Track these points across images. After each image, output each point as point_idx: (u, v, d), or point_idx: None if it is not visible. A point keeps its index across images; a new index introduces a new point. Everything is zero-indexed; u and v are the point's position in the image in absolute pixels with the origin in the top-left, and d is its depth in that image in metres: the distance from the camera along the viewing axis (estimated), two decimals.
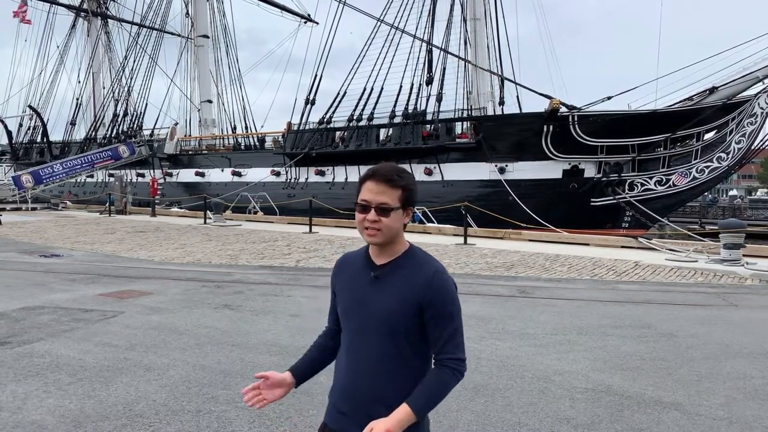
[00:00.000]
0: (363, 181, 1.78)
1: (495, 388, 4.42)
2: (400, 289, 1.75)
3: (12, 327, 6.21)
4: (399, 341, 1.75)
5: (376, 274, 1.79)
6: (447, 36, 25.68)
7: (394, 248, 1.81)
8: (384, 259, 1.81)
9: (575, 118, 20.10)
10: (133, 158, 33.73)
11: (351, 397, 1.79)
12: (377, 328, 1.75)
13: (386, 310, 1.74)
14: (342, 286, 1.88)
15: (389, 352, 1.75)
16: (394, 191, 1.74)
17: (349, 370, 1.82)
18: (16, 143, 43.43)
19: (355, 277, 1.85)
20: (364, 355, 1.77)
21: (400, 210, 1.75)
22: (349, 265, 1.91)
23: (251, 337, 5.84)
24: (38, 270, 10.42)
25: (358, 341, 1.80)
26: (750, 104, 18.93)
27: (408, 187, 1.77)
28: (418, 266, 1.78)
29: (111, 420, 3.79)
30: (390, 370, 1.75)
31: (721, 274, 10.05)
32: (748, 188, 75.70)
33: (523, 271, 10.41)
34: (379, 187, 1.74)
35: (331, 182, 26.00)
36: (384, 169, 1.77)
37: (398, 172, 1.76)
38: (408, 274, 1.76)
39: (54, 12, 44.75)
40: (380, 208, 1.73)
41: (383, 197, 1.73)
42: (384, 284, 1.77)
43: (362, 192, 1.77)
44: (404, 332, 1.74)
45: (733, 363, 5.13)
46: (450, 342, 1.73)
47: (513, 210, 19.55)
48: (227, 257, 12.20)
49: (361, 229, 1.78)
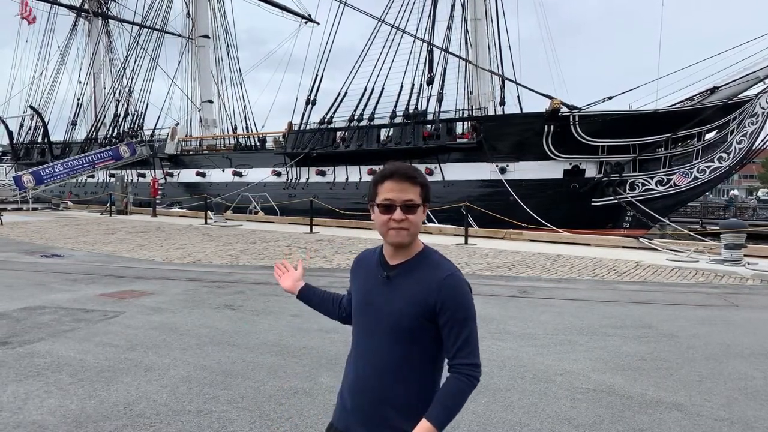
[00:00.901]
0: (381, 181, 1.76)
1: (496, 389, 4.42)
2: (412, 290, 1.73)
3: (13, 327, 6.21)
4: (408, 343, 1.72)
5: (388, 274, 1.78)
6: (448, 36, 25.65)
7: (410, 249, 1.79)
8: (398, 260, 1.79)
9: (576, 118, 20.07)
10: (134, 158, 33.72)
11: (358, 397, 1.79)
12: (386, 329, 1.74)
13: (397, 312, 1.72)
14: (357, 284, 1.89)
15: (398, 353, 1.73)
16: (415, 188, 1.75)
17: (357, 370, 1.81)
18: (17, 143, 43.44)
19: (368, 277, 1.84)
20: (373, 356, 1.76)
21: (421, 206, 1.76)
22: (365, 263, 1.90)
23: (252, 338, 5.84)
24: (39, 270, 10.42)
25: (367, 341, 1.79)
26: (751, 104, 18.90)
27: (426, 184, 1.79)
28: (432, 268, 1.75)
29: (112, 420, 3.79)
30: (398, 372, 1.73)
31: (722, 274, 10.04)
32: (749, 188, 75.59)
33: (523, 271, 10.40)
34: (401, 185, 1.73)
35: (332, 182, 25.98)
36: (403, 167, 1.77)
37: (415, 169, 1.79)
38: (421, 276, 1.74)
39: (55, 12, 44.87)
40: (406, 206, 1.72)
41: (408, 194, 1.73)
42: (396, 285, 1.76)
43: (382, 192, 1.75)
44: (413, 335, 1.72)
45: (735, 363, 5.12)
46: (464, 348, 1.69)
47: (514, 210, 19.53)
48: (228, 257, 12.20)
49: (385, 230, 1.75)
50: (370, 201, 1.80)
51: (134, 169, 34.45)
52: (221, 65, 38.96)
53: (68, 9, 44.34)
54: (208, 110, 37.57)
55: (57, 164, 32.81)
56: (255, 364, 4.95)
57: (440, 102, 24.29)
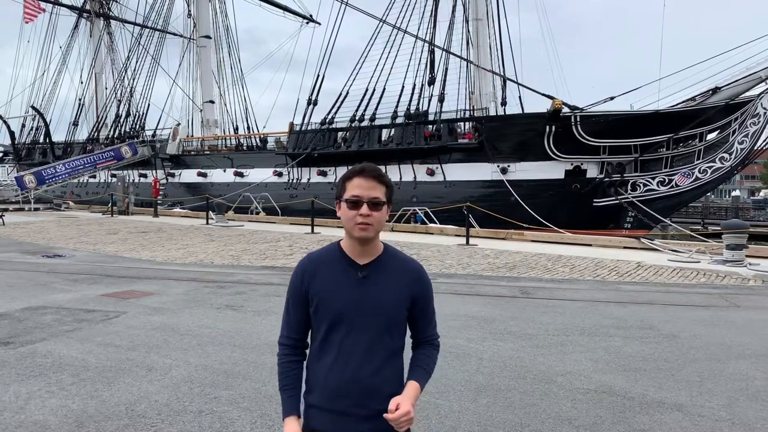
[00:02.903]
0: (349, 178, 1.83)
1: (497, 389, 4.42)
2: (392, 286, 1.84)
3: (15, 327, 6.23)
4: (393, 334, 1.85)
5: (364, 273, 1.83)
6: (449, 36, 25.67)
7: (375, 247, 1.88)
8: (366, 259, 1.86)
9: (577, 118, 20.05)
10: (136, 159, 33.77)
11: (348, 395, 1.78)
12: (376, 325, 1.80)
13: (382, 308, 1.82)
14: (325, 288, 1.83)
15: (386, 346, 1.83)
16: (382, 187, 1.83)
17: (343, 370, 1.79)
18: (19, 144, 43.53)
19: (339, 279, 1.83)
20: (361, 352, 1.79)
21: (386, 205, 1.83)
22: (325, 266, 1.87)
23: (253, 338, 5.84)
24: (41, 270, 10.44)
25: (354, 340, 1.80)
26: (753, 104, 18.87)
27: (391, 185, 1.88)
28: (403, 263, 1.91)
29: (113, 420, 3.80)
30: (386, 363, 1.83)
31: (723, 274, 10.02)
32: (750, 189, 75.49)
33: (525, 271, 10.40)
34: (369, 183, 1.80)
35: (333, 183, 25.98)
36: (371, 166, 1.85)
37: (381, 170, 1.86)
38: (395, 272, 1.87)
39: (57, 13, 44.92)
40: (373, 203, 1.79)
41: (375, 192, 1.81)
42: (375, 283, 1.83)
43: (350, 188, 1.81)
44: (397, 325, 1.86)
45: (736, 364, 5.11)
46: (433, 323, 1.98)
47: (515, 210, 19.52)
48: (229, 258, 12.21)
49: (351, 225, 1.80)
50: (338, 197, 1.86)
51: (136, 170, 34.50)
52: (222, 65, 39.02)
53: (70, 9, 44.45)
54: (209, 110, 37.59)
55: (59, 164, 32.88)
56: (256, 365, 4.96)
57: (441, 102, 24.29)
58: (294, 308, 1.91)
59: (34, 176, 31.13)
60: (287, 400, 1.90)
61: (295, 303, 1.90)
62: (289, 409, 1.88)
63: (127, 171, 33.69)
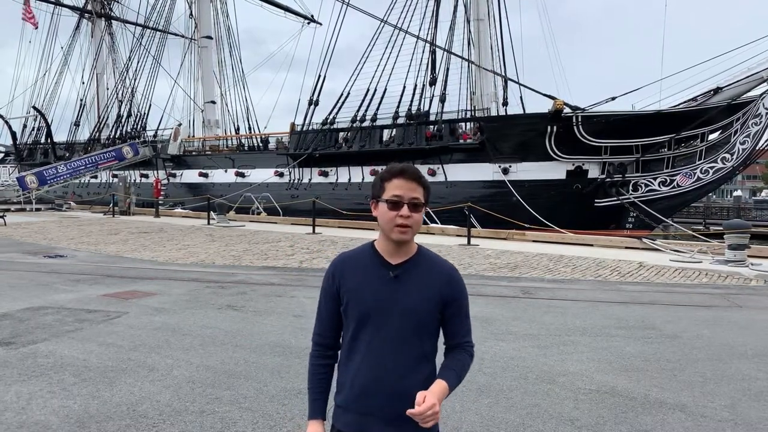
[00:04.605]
0: (388, 178, 1.81)
1: (499, 389, 4.41)
2: (422, 286, 1.81)
3: (16, 327, 6.23)
4: (422, 336, 1.81)
5: (395, 273, 1.81)
6: (450, 36, 25.64)
7: (410, 247, 1.86)
8: (399, 259, 1.83)
9: (579, 118, 20.04)
10: (137, 159, 33.80)
11: (375, 396, 1.77)
12: (404, 325, 1.78)
13: (413, 308, 1.79)
14: (356, 287, 1.82)
15: (414, 347, 1.80)
16: (421, 188, 1.81)
17: (371, 370, 1.79)
18: (21, 144, 43.60)
19: (371, 278, 1.82)
20: (390, 353, 1.78)
21: (424, 207, 1.83)
22: (357, 265, 1.86)
23: (255, 338, 5.84)
24: (42, 270, 10.45)
25: (383, 339, 1.78)
26: (755, 105, 18.85)
27: (429, 187, 1.87)
28: (435, 264, 1.87)
29: (115, 420, 3.80)
30: (414, 364, 1.79)
31: (725, 275, 10.01)
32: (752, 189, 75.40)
33: (526, 271, 10.39)
34: (409, 184, 1.79)
35: (335, 183, 25.98)
36: (410, 167, 1.84)
37: (420, 171, 1.86)
38: (427, 272, 1.84)
39: (58, 13, 44.99)
40: (413, 204, 1.78)
41: (415, 193, 1.79)
42: (405, 283, 1.81)
43: (390, 189, 1.79)
44: (426, 327, 1.82)
45: (738, 364, 5.10)
46: (468, 330, 1.91)
47: (517, 211, 19.50)
48: (231, 258, 12.22)
49: (390, 226, 1.78)
50: (375, 197, 1.83)
51: (137, 170, 34.52)
52: (224, 66, 39.07)
53: (71, 10, 44.47)
54: (210, 111, 37.61)
55: (60, 165, 32.91)
56: (258, 365, 4.95)
57: (443, 102, 24.29)
58: (326, 306, 1.91)
59: (36, 176, 31.16)
60: (312, 403, 1.93)
61: (327, 301, 1.90)
62: (312, 412, 1.92)
63: (129, 171, 33.70)
